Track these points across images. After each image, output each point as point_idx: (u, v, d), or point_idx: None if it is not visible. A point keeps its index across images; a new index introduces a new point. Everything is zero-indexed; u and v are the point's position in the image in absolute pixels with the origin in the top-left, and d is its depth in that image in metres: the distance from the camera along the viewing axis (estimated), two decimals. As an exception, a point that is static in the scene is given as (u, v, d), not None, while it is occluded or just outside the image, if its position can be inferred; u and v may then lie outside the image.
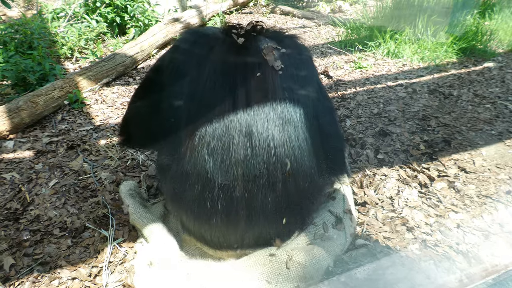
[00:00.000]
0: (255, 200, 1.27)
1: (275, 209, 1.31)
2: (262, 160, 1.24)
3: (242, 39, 1.34)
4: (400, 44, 3.92)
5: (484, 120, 2.65)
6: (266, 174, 1.25)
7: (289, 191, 1.31)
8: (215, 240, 1.41)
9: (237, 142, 1.23)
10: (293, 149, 1.27)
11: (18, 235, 1.69)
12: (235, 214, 1.30)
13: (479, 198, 1.91)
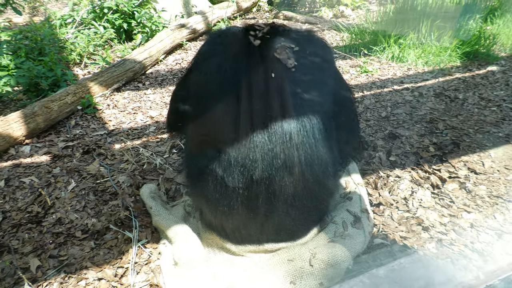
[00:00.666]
0: (275, 194, 1.31)
1: (294, 203, 1.35)
2: (281, 156, 1.27)
3: (258, 41, 1.37)
4: (404, 49, 3.98)
5: (491, 123, 2.71)
6: (285, 169, 1.28)
7: (307, 186, 1.34)
8: (237, 235, 1.45)
9: (256, 140, 1.27)
10: (310, 145, 1.30)
11: (42, 237, 1.72)
12: (256, 208, 1.34)
13: (490, 199, 1.95)
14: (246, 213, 1.36)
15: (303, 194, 1.35)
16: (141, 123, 2.79)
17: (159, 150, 2.41)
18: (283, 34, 1.44)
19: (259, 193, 1.31)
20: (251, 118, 1.28)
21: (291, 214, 1.38)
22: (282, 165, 1.28)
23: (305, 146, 1.29)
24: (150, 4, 4.73)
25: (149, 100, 3.17)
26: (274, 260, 1.39)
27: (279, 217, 1.38)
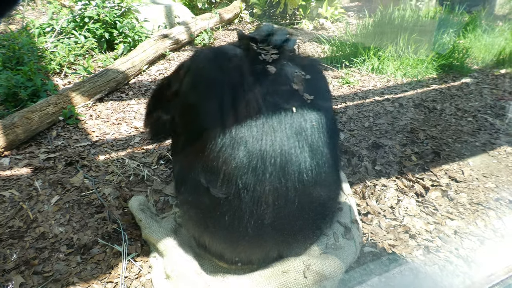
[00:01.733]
0: (272, 218, 1.30)
1: (291, 227, 1.35)
2: (279, 181, 1.26)
3: (274, 68, 1.34)
4: (383, 61, 4.11)
5: (468, 132, 2.82)
6: (284, 193, 1.28)
7: (306, 208, 1.35)
8: (232, 258, 1.44)
9: (262, 166, 1.25)
10: (316, 173, 1.31)
11: (25, 253, 1.66)
12: (251, 233, 1.31)
13: (471, 206, 2.03)
14: (242, 238, 1.33)
15: (301, 220, 1.36)
16: (126, 134, 2.75)
17: (145, 161, 2.38)
18: (289, 59, 1.43)
19: (252, 211, 1.29)
20: (257, 144, 1.26)
21: (289, 237, 1.38)
22: (282, 190, 1.28)
23: (311, 176, 1.31)
24: (132, 14, 4.69)
25: (133, 111, 3.13)
26: (268, 272, 1.39)
27: (277, 241, 1.38)
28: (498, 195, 2.12)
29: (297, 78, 1.35)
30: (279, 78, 1.34)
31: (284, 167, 1.26)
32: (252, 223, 1.29)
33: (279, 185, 1.26)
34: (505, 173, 2.32)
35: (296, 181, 1.27)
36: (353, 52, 4.38)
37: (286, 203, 1.28)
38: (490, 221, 1.91)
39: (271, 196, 1.26)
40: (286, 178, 1.26)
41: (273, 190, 1.26)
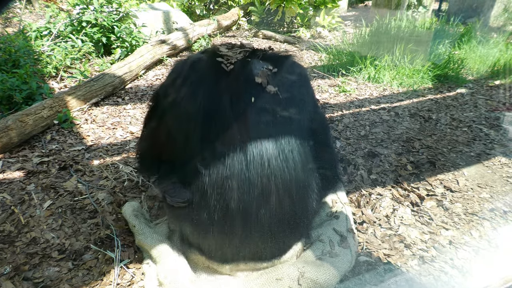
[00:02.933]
0: (254, 214, 1.33)
1: (274, 223, 1.37)
2: (258, 178, 1.29)
3: (231, 66, 1.38)
4: (380, 70, 4.14)
5: (463, 143, 2.84)
6: (262, 191, 1.31)
7: (285, 206, 1.36)
8: (220, 254, 1.44)
9: (235, 165, 1.29)
10: (287, 166, 1.33)
11: (15, 258, 1.63)
12: (239, 229, 1.35)
13: (466, 216, 2.03)
14: (227, 233, 1.37)
15: (282, 214, 1.37)
16: (121, 139, 2.73)
17: (140, 167, 2.36)
18: (260, 57, 1.46)
19: (238, 215, 1.33)
20: (230, 144, 1.30)
21: (271, 232, 1.39)
22: (261, 188, 1.30)
23: (284, 169, 1.32)
24: (130, 19, 4.70)
25: (129, 116, 3.12)
26: (263, 279, 1.38)
27: (259, 236, 1.38)
28: (492, 205, 2.12)
29: (262, 73, 1.36)
30: (242, 76, 1.36)
31: (250, 168, 1.29)
32: (237, 226, 1.35)
33: (245, 187, 1.29)
34: (499, 184, 2.32)
35: (260, 182, 1.29)
36: (349, 61, 4.41)
37: (251, 204, 1.31)
38: (485, 232, 1.91)
39: (236, 196, 1.30)
40: (250, 179, 1.29)
41: (239, 193, 1.29)
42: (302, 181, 1.39)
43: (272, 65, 1.42)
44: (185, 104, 1.38)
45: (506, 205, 2.10)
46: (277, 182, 1.31)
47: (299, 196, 1.40)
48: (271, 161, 1.29)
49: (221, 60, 1.40)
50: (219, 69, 1.38)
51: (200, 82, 1.38)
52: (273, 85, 1.35)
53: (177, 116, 1.42)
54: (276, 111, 1.35)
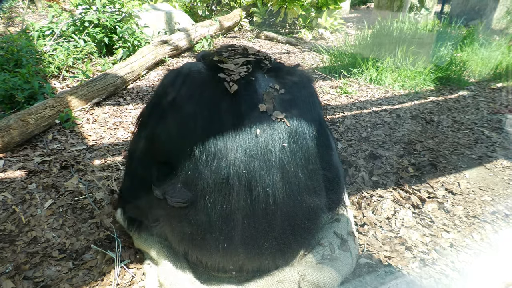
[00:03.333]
0: (255, 225, 1.29)
1: (276, 233, 1.33)
2: (264, 195, 1.25)
3: (235, 87, 1.25)
4: (381, 72, 4.13)
5: (464, 145, 2.83)
6: (267, 202, 1.26)
7: (288, 216, 1.32)
8: (222, 260, 1.42)
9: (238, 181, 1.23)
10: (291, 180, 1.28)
11: (16, 257, 1.63)
12: (238, 241, 1.31)
13: (467, 219, 2.02)
14: (227, 238, 1.32)
15: (283, 225, 1.33)
16: (122, 139, 2.73)
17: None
18: (263, 71, 1.36)
19: (240, 226, 1.29)
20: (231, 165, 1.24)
21: (275, 243, 1.35)
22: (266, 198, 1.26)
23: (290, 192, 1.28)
24: (133, 19, 4.71)
25: (130, 116, 3.12)
26: (263, 281, 1.37)
27: (263, 247, 1.35)
28: (494, 208, 2.11)
29: (268, 96, 1.27)
30: (244, 96, 1.26)
31: (251, 187, 1.23)
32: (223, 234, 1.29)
33: (246, 204, 1.24)
34: (501, 187, 2.32)
35: (265, 203, 1.24)
36: (351, 63, 4.41)
37: (255, 222, 1.27)
38: (486, 235, 1.91)
39: (239, 214, 1.25)
40: (252, 198, 1.23)
41: (241, 209, 1.24)
42: (301, 207, 1.34)
43: (278, 82, 1.34)
44: (178, 131, 1.29)
45: (508, 208, 2.10)
46: (278, 193, 1.26)
47: (305, 216, 1.36)
48: (283, 189, 1.26)
49: (223, 77, 1.29)
50: (219, 87, 1.27)
51: (197, 104, 1.28)
52: (280, 109, 1.27)
53: (167, 144, 1.34)
54: (283, 139, 1.27)
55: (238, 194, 1.23)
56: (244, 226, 1.27)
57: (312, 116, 1.39)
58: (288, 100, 1.31)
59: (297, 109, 1.33)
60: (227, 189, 1.23)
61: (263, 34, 6.05)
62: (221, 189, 1.23)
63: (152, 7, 5.37)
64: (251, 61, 1.39)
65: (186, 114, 1.28)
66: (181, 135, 1.30)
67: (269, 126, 1.25)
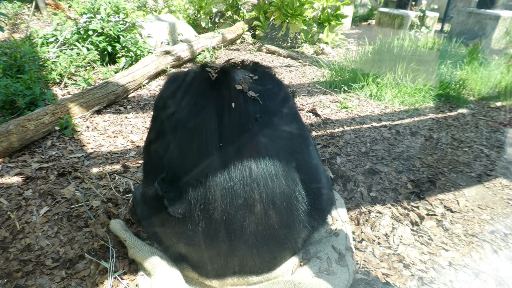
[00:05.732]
0: (239, 228, 1.31)
1: (259, 237, 1.35)
2: (242, 192, 1.29)
3: (216, 75, 1.43)
4: (381, 88, 4.16)
5: (464, 163, 2.83)
6: (246, 205, 1.29)
7: (269, 219, 1.34)
8: (213, 271, 1.42)
9: (215, 170, 1.29)
10: (268, 180, 1.31)
11: (8, 265, 1.61)
12: (227, 244, 1.34)
13: (466, 237, 2.01)
14: (216, 248, 1.35)
15: (267, 228, 1.35)
16: (121, 147, 2.73)
17: (138, 176, 2.35)
18: (241, 67, 1.51)
19: (224, 228, 1.31)
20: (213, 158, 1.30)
21: (257, 246, 1.36)
22: (246, 202, 1.29)
23: (267, 180, 1.31)
24: (136, 29, 4.76)
25: (130, 124, 3.12)
26: (258, 294, 1.35)
27: (247, 250, 1.36)
28: (493, 227, 2.10)
29: (244, 80, 1.40)
30: (225, 83, 1.40)
31: (235, 181, 1.28)
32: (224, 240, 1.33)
33: (230, 201, 1.29)
34: (500, 206, 2.31)
35: (247, 192, 1.29)
36: (352, 78, 4.44)
37: (236, 217, 1.30)
38: (485, 254, 1.89)
39: (220, 211, 1.29)
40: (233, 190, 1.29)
41: (224, 207, 1.29)
42: (286, 193, 1.36)
43: (252, 73, 1.47)
44: (173, 115, 1.41)
45: (507, 228, 2.08)
46: (262, 195, 1.30)
47: (284, 208, 1.37)
48: (255, 175, 1.29)
49: (209, 70, 1.45)
50: (206, 78, 1.43)
51: (188, 92, 1.43)
52: (252, 92, 1.38)
53: (167, 128, 1.44)
54: (255, 122, 1.35)
55: (220, 182, 1.28)
56: (226, 226, 1.31)
57: (285, 102, 1.49)
58: (262, 85, 1.44)
59: (271, 93, 1.44)
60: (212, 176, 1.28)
61: (265, 47, 6.10)
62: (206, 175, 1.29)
63: (156, 18, 5.43)
64: (233, 61, 1.55)
65: (179, 103, 1.42)
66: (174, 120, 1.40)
67: (243, 102, 1.35)
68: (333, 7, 6.44)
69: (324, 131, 3.23)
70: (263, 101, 1.37)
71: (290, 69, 5.24)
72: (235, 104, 1.33)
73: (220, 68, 1.47)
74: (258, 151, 1.31)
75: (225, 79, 1.41)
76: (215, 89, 1.39)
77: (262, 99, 1.37)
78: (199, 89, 1.41)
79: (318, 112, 3.61)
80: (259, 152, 1.31)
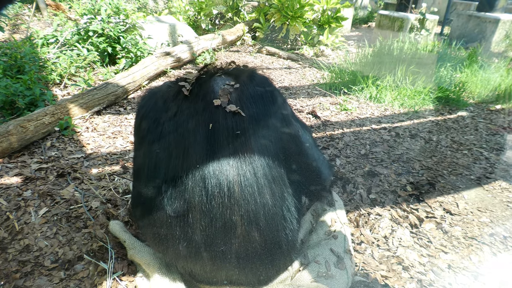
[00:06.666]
0: (228, 239, 1.26)
1: (250, 249, 1.29)
2: (219, 204, 1.22)
3: (189, 87, 1.33)
4: (381, 90, 4.16)
5: (463, 165, 2.83)
6: (225, 229, 1.24)
7: (253, 246, 1.29)
8: (209, 278, 1.40)
9: (194, 190, 1.23)
10: (251, 202, 1.24)
11: (7, 265, 1.60)
12: (219, 253, 1.29)
13: (465, 240, 2.01)
14: (209, 256, 1.31)
15: (257, 238, 1.29)
16: (121, 148, 2.73)
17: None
18: (222, 73, 1.41)
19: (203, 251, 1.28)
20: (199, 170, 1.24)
21: (251, 257, 1.32)
22: (231, 212, 1.23)
23: (249, 202, 1.24)
24: (137, 30, 4.76)
25: (130, 125, 3.12)
26: (257, 297, 1.35)
27: (235, 270, 1.33)
28: (492, 230, 2.10)
29: (223, 91, 1.28)
30: (200, 98, 1.31)
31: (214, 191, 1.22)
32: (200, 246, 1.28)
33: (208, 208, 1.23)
34: (499, 208, 2.31)
35: (231, 202, 1.22)
36: (352, 80, 4.44)
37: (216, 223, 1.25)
38: (484, 257, 1.89)
39: (200, 218, 1.24)
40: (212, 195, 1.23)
41: (209, 219, 1.24)
42: (271, 213, 1.29)
43: (234, 80, 1.36)
44: (149, 137, 1.34)
45: (506, 231, 2.08)
46: (243, 218, 1.24)
47: (272, 218, 1.30)
48: (233, 189, 1.22)
49: (183, 84, 1.35)
50: (180, 94, 1.33)
51: (162, 112, 1.34)
52: (235, 103, 1.27)
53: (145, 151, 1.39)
54: (239, 131, 1.25)
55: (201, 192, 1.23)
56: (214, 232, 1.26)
57: (272, 109, 1.38)
58: (244, 93, 1.32)
59: (255, 101, 1.33)
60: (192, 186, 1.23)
61: (265, 49, 6.11)
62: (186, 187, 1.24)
63: (156, 19, 5.44)
64: (210, 68, 1.44)
65: (152, 124, 1.35)
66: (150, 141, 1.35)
67: (223, 118, 1.25)
68: (333, 10, 6.45)
69: (324, 133, 3.23)
70: (246, 112, 1.26)
71: (290, 71, 5.24)
72: (212, 122, 1.24)
73: (195, 80, 1.36)
74: (239, 172, 1.22)
75: (201, 92, 1.31)
76: (192, 104, 1.30)
77: (245, 108, 1.27)
78: (173, 108, 1.31)
79: (318, 114, 3.61)
80: (240, 173, 1.22)
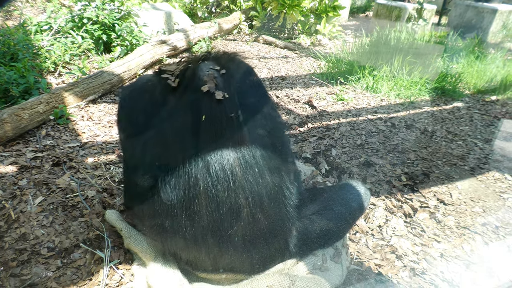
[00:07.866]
0: (226, 229, 1.28)
1: (248, 236, 1.31)
2: (224, 189, 1.24)
3: (177, 80, 1.32)
4: (378, 80, 4.16)
5: (457, 156, 2.85)
6: (230, 202, 1.25)
7: (256, 217, 1.30)
8: (206, 266, 1.41)
9: (197, 177, 1.24)
10: (253, 184, 1.27)
11: (3, 254, 1.61)
12: (215, 241, 1.31)
13: (458, 229, 2.04)
14: (205, 244, 1.32)
15: (255, 225, 1.31)
16: (117, 137, 2.72)
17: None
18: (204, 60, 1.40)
19: (210, 228, 1.29)
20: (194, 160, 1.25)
21: (252, 249, 1.34)
22: (229, 201, 1.25)
23: (252, 184, 1.26)
24: (132, 18, 4.70)
25: (125, 114, 3.10)
26: (253, 285, 1.37)
27: (239, 254, 1.35)
28: (485, 220, 2.13)
29: (208, 77, 1.27)
30: (188, 87, 1.30)
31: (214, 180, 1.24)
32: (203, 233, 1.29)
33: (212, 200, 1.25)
34: (492, 199, 2.34)
35: (228, 187, 1.24)
36: (348, 70, 4.43)
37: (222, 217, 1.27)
38: (476, 246, 1.92)
39: (204, 209, 1.26)
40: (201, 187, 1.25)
41: (206, 207, 1.26)
42: (273, 181, 1.32)
43: (219, 65, 1.35)
44: (136, 134, 1.35)
45: (498, 220, 2.12)
46: (248, 199, 1.26)
47: (275, 197, 1.33)
48: (235, 172, 1.24)
49: (166, 76, 1.34)
50: (166, 86, 1.32)
51: (148, 106, 1.34)
52: (221, 89, 1.27)
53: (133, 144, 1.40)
54: (230, 117, 1.27)
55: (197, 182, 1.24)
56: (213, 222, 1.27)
57: (259, 91, 1.43)
58: (230, 78, 1.33)
59: (240, 86, 1.35)
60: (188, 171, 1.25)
61: (261, 38, 6.06)
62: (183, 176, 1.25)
63: (151, 7, 5.37)
64: (190, 57, 1.44)
65: (138, 119, 1.36)
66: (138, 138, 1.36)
67: (215, 104, 1.26)
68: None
69: (320, 123, 3.24)
70: (234, 97, 1.28)
71: (286, 60, 5.22)
72: (204, 109, 1.24)
73: (180, 71, 1.35)
74: (238, 155, 1.24)
75: (187, 80, 1.31)
76: (179, 95, 1.29)
77: (232, 93, 1.28)
78: (160, 102, 1.32)
79: (314, 104, 3.61)
80: (240, 156, 1.24)
